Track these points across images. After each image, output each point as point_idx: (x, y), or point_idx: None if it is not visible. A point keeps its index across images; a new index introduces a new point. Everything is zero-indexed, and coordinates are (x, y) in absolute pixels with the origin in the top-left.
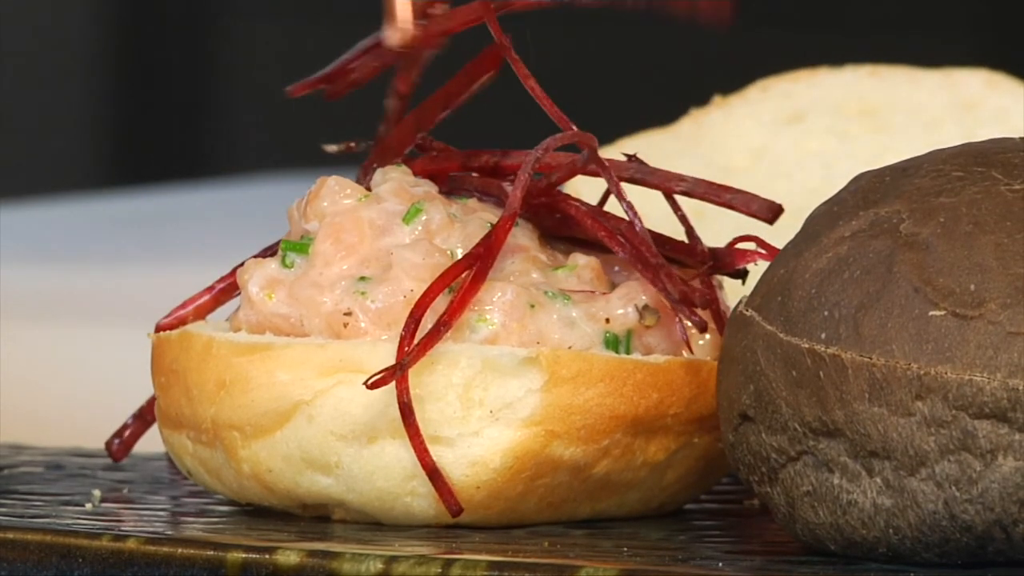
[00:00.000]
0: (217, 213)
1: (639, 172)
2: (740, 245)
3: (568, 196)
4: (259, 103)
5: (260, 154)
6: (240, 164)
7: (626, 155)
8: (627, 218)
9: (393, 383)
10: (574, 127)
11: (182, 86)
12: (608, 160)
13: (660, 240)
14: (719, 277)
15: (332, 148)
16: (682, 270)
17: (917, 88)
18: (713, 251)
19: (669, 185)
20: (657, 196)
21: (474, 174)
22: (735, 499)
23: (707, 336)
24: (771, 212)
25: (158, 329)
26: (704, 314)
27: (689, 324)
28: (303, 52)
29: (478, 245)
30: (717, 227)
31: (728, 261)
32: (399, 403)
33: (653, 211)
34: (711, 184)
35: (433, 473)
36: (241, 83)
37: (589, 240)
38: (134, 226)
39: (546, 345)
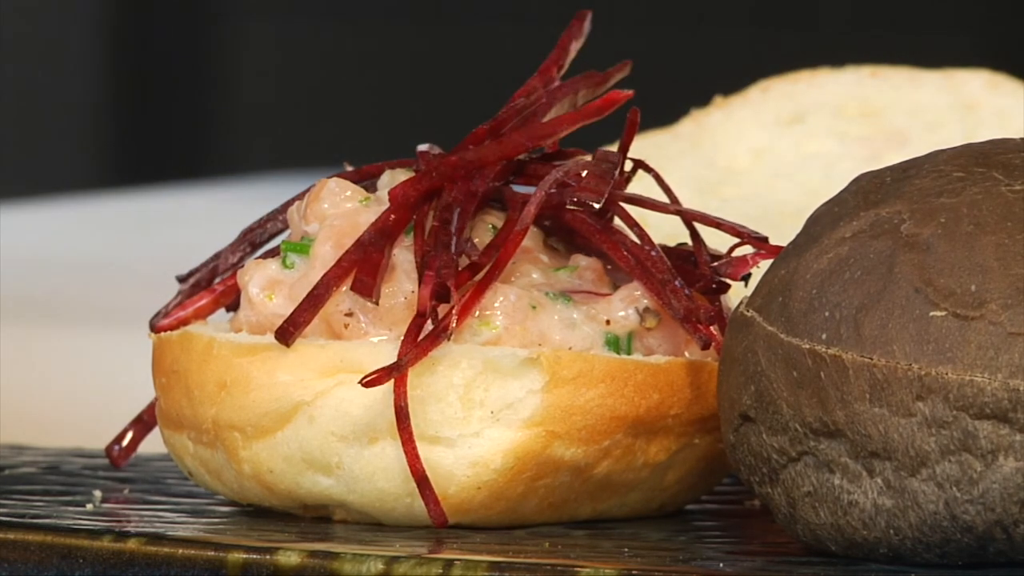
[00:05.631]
0: (217, 213)
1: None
2: (739, 251)
3: (575, 210)
4: (259, 104)
5: (260, 154)
6: (240, 164)
7: (632, 160)
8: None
9: (392, 385)
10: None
11: (182, 86)
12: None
13: (668, 254)
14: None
15: (349, 168)
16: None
17: (918, 89)
18: (715, 268)
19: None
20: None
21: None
22: (736, 500)
23: None
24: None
25: (159, 330)
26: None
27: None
28: (303, 53)
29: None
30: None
31: (731, 272)
32: (395, 407)
33: (652, 216)
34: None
35: (422, 480)
36: (241, 83)
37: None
38: (134, 226)
39: (547, 346)
